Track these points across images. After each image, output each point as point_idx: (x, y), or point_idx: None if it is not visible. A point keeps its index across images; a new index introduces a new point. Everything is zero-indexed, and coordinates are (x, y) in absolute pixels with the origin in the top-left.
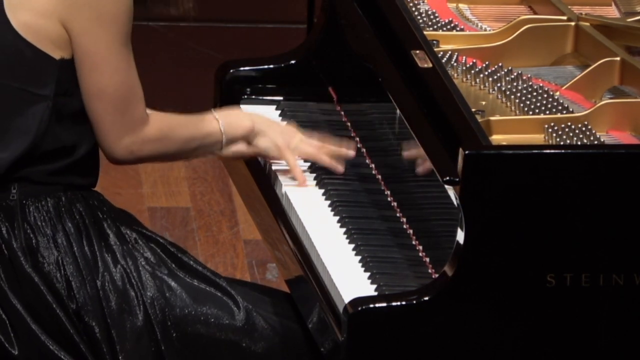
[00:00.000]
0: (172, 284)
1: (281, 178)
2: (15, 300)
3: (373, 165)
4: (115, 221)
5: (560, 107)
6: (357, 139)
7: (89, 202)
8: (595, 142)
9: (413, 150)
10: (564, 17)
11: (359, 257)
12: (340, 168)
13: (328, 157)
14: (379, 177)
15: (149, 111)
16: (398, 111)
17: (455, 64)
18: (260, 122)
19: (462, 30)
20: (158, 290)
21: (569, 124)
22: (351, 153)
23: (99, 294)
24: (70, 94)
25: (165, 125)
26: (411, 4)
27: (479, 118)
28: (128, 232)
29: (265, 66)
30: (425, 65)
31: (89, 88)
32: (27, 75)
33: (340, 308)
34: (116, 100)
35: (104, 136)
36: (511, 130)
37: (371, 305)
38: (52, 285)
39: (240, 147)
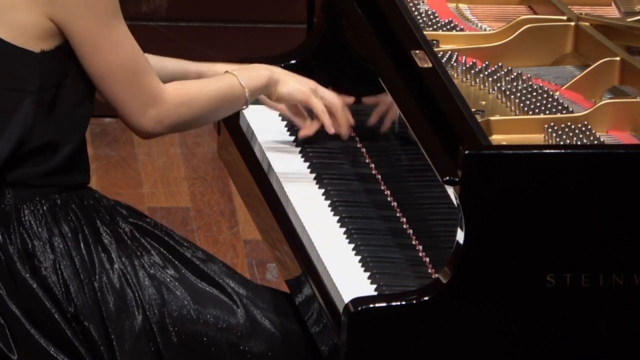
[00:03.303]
0: (172, 283)
1: (281, 178)
2: (13, 305)
3: (373, 165)
4: (112, 219)
5: (560, 107)
6: (357, 139)
7: (84, 202)
8: (595, 142)
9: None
10: (564, 17)
11: (359, 257)
12: (345, 131)
13: (342, 113)
14: (379, 177)
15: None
16: (398, 111)
17: (455, 64)
18: (277, 70)
19: (462, 30)
20: (156, 290)
21: (569, 124)
22: (350, 121)
23: (97, 295)
24: (56, 85)
25: (184, 90)
26: (411, 4)
27: (479, 118)
28: (126, 228)
29: None
30: (425, 65)
31: (96, 71)
32: (8, 74)
33: (340, 308)
34: (127, 76)
35: (128, 114)
36: (511, 130)
37: (371, 305)
38: (49, 289)
39: (264, 99)
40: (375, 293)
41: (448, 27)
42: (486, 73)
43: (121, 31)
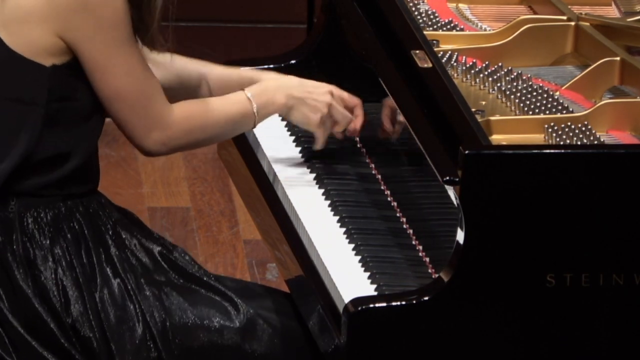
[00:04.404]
0: (171, 292)
1: (281, 178)
2: (11, 314)
3: (373, 165)
4: (116, 227)
5: (560, 107)
6: (357, 139)
7: (89, 209)
8: (595, 142)
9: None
10: (564, 17)
11: (359, 257)
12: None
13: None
14: (379, 177)
15: (180, 103)
16: (398, 111)
17: (455, 64)
18: (294, 96)
19: (462, 30)
20: (157, 299)
21: (569, 123)
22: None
23: (98, 307)
24: (64, 99)
25: (193, 117)
26: (411, 4)
27: (479, 118)
28: (128, 237)
29: (265, 66)
30: (425, 65)
31: (105, 92)
32: (18, 86)
33: (340, 308)
34: (136, 99)
35: (132, 134)
36: (511, 130)
37: (371, 305)
38: (47, 299)
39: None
40: (375, 293)
41: (448, 27)
42: (486, 73)
43: (134, 56)
